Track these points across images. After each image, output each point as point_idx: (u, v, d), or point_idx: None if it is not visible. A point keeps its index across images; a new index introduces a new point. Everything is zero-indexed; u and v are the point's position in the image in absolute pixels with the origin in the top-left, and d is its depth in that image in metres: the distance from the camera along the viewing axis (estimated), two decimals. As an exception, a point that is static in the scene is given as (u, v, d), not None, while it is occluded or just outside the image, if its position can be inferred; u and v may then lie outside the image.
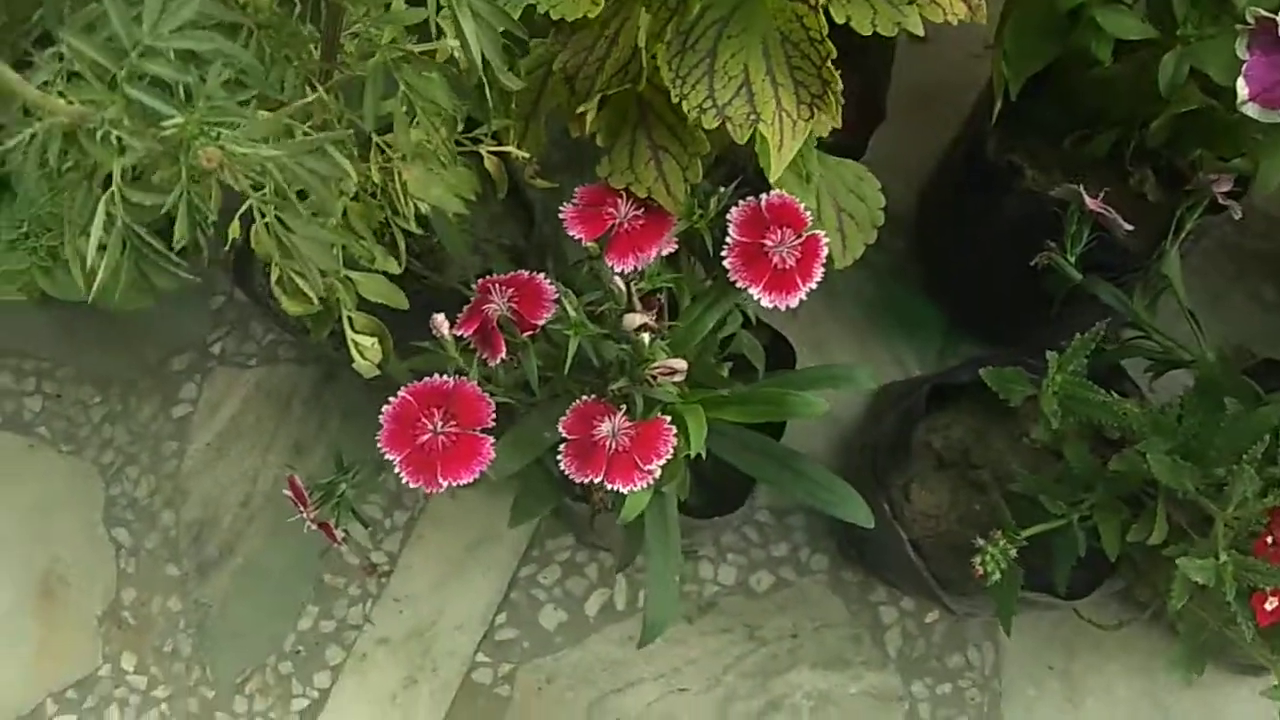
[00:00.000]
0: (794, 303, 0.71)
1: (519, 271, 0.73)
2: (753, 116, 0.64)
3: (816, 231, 0.72)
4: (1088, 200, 0.85)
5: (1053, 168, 0.91)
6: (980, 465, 0.88)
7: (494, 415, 0.67)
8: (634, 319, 0.68)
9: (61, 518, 1.06)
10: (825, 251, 0.72)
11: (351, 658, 1.02)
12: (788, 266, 0.71)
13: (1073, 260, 0.87)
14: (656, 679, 1.01)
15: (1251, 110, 0.73)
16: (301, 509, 0.76)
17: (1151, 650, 1.00)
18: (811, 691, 1.00)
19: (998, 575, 0.77)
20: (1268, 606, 0.69)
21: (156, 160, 0.41)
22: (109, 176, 0.42)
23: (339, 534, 0.75)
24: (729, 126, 0.65)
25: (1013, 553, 0.78)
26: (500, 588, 1.04)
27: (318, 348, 1.03)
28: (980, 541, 0.76)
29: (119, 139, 0.40)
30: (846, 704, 0.99)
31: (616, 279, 0.69)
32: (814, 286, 0.72)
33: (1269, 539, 0.68)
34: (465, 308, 0.72)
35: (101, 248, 0.42)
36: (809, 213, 0.72)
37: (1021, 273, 0.89)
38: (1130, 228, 0.86)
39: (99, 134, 0.40)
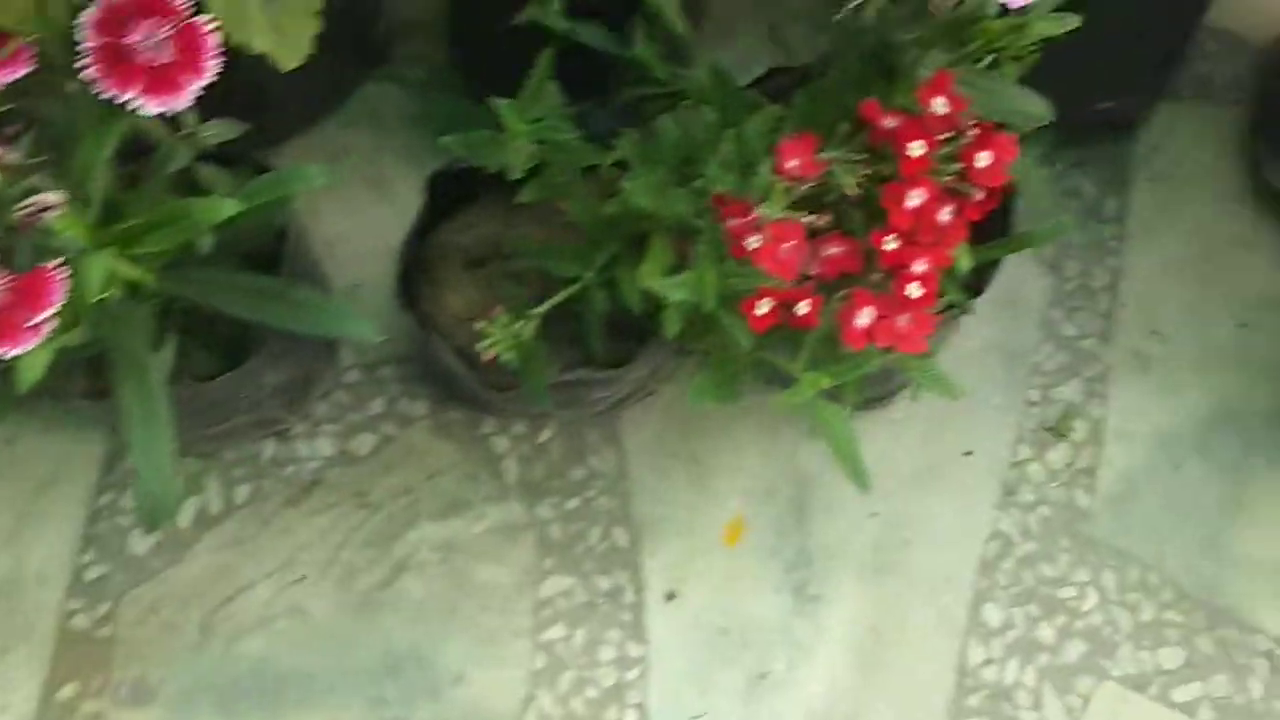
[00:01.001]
0: (184, 102, 0.63)
1: None
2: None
3: (196, 19, 0.63)
4: (547, -60, 0.78)
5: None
6: (512, 254, 0.81)
7: None
8: (-32, 155, 0.58)
9: None
10: (212, 38, 0.63)
11: (-71, 642, 0.91)
12: (166, 64, 0.62)
13: (558, 8, 0.80)
14: (270, 576, 0.92)
15: None
16: None
17: (774, 415, 0.96)
18: (436, 543, 0.93)
19: (512, 356, 0.70)
20: (759, 311, 0.65)
21: None
22: None
23: None
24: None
25: (529, 329, 0.72)
26: (79, 525, 0.93)
27: None
28: (480, 324, 0.70)
29: None
30: (474, 547, 0.93)
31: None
32: (207, 80, 0.63)
33: (744, 241, 0.63)
34: None
35: None
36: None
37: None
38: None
39: None
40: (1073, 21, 0.68)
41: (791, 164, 0.61)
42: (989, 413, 0.96)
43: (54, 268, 0.60)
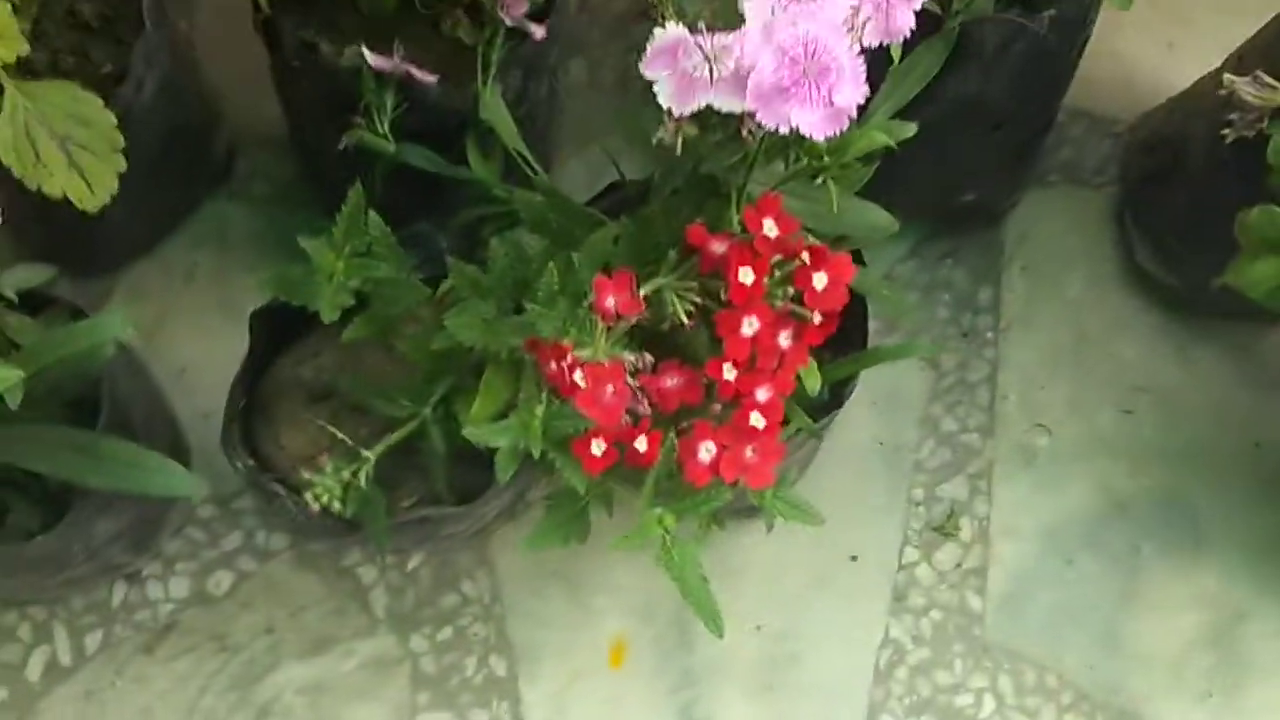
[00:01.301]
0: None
1: None
2: None
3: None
4: (371, 60, 0.75)
5: (356, 35, 0.80)
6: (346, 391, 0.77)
7: None
8: None
9: None
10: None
11: None
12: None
13: (385, 130, 0.77)
14: (127, 728, 0.87)
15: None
16: None
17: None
18: (303, 685, 0.88)
19: (338, 504, 0.66)
20: (595, 451, 0.61)
21: None
22: None
23: None
24: None
25: (363, 473, 0.68)
26: (-84, 685, 0.88)
27: None
28: (307, 475, 0.65)
29: None
30: (343, 686, 0.88)
31: None
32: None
33: (565, 384, 0.59)
34: None
35: None
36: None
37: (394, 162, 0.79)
38: (433, 79, 0.76)
39: None
40: (907, 130, 0.66)
41: (609, 302, 0.58)
42: (873, 514, 0.92)
43: None
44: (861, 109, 0.72)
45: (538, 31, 0.76)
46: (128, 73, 0.79)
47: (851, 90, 0.52)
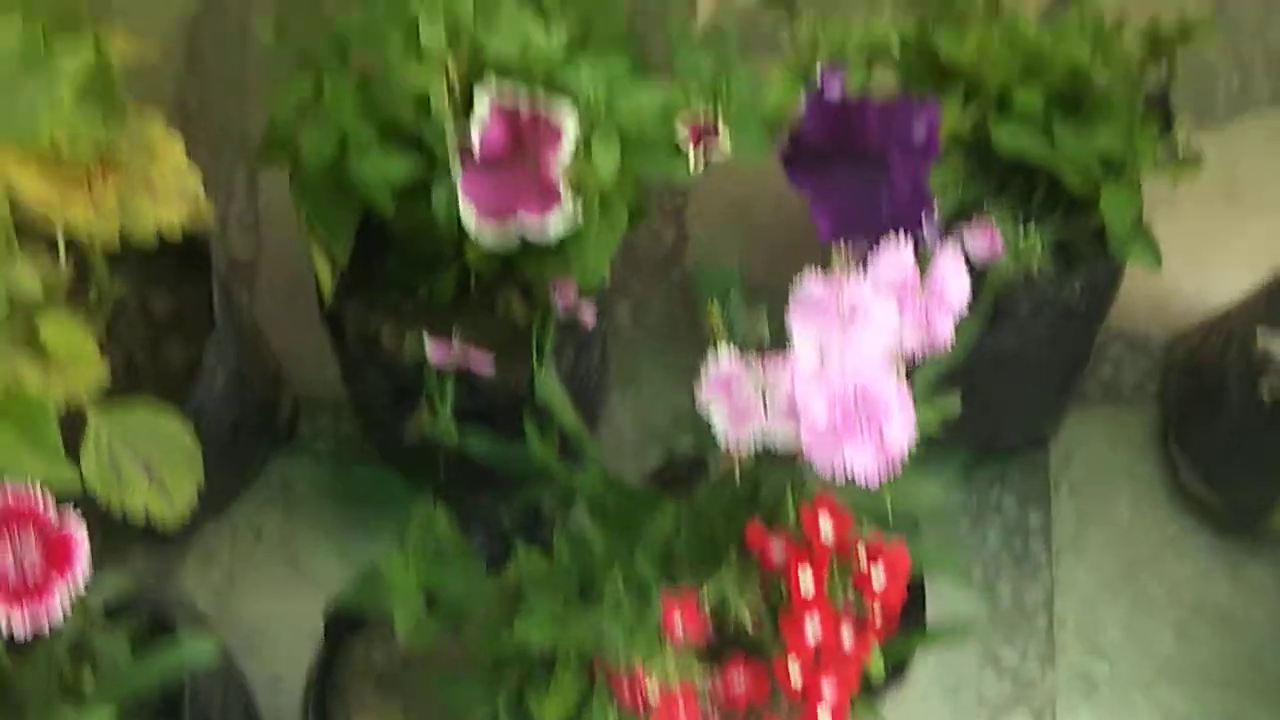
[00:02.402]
0: (54, 611, 0.62)
1: None
2: None
3: (66, 527, 0.62)
4: (430, 349, 0.79)
5: (416, 319, 0.84)
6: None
7: None
8: None
9: None
10: (82, 543, 0.62)
11: None
12: (33, 574, 0.61)
13: (449, 413, 0.80)
14: None
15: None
16: None
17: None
18: None
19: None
20: (660, 756, 0.62)
21: None
22: None
23: None
24: None
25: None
26: None
27: None
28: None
29: None
30: None
31: None
32: (78, 584, 0.62)
33: (631, 683, 0.61)
34: None
35: None
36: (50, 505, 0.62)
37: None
38: (489, 361, 0.80)
39: None
40: (952, 406, 0.68)
41: (676, 624, 0.60)
42: (940, 750, 0.92)
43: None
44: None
45: (589, 316, 0.80)
46: (200, 367, 0.83)
47: (900, 426, 0.55)
